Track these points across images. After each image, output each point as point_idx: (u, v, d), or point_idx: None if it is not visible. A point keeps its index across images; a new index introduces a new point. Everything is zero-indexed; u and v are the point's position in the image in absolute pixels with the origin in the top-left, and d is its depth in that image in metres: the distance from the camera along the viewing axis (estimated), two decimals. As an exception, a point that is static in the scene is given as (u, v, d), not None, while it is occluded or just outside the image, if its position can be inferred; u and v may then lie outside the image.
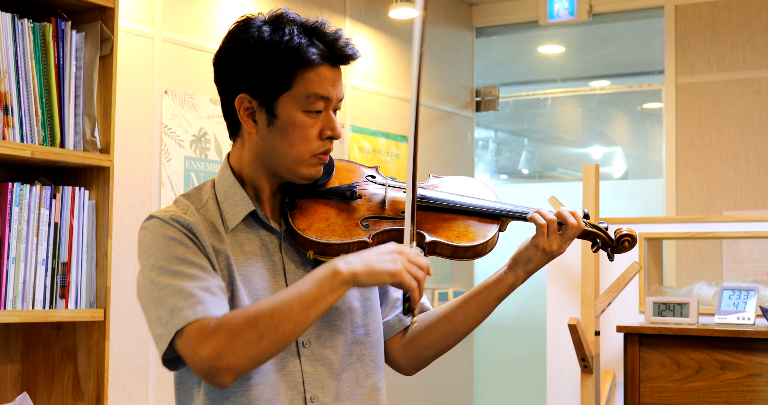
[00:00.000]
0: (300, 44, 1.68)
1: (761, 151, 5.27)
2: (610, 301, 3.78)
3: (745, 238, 4.13)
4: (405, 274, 1.59)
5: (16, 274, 2.63)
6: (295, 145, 1.70)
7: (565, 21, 5.78)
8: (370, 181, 1.83)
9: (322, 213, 1.75)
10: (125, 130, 3.73)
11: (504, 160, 6.45)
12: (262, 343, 1.56)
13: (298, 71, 1.68)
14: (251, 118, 1.72)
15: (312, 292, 1.57)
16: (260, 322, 1.56)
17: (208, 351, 1.56)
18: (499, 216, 1.82)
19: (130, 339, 3.71)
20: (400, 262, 1.59)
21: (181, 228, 1.68)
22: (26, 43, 2.68)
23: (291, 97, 1.69)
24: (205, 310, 1.59)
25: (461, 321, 1.83)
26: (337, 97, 1.73)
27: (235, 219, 1.73)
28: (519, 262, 1.82)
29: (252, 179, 1.76)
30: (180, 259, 1.65)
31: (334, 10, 4.91)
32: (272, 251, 1.74)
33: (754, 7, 5.35)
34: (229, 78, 1.74)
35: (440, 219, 1.79)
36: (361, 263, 1.59)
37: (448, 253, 1.77)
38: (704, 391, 3.59)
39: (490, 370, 6.01)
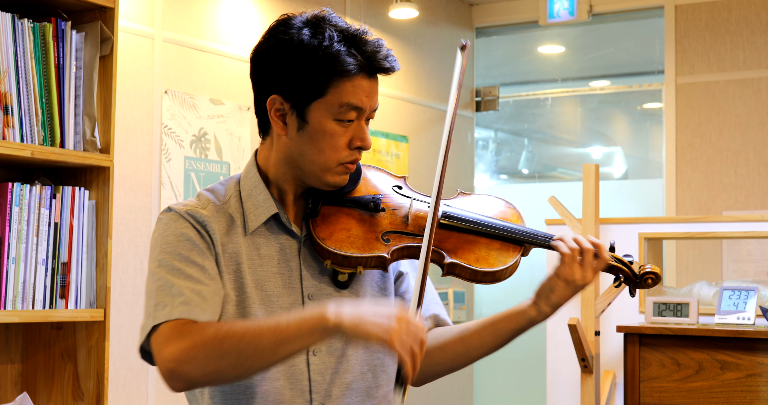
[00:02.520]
0: (339, 52, 1.64)
1: (761, 151, 5.27)
2: (610, 301, 3.77)
3: (745, 238, 4.13)
4: (398, 343, 1.47)
5: (16, 274, 2.63)
6: (324, 152, 1.67)
7: (565, 21, 5.78)
8: (396, 193, 1.79)
9: (344, 223, 1.71)
10: (125, 130, 3.73)
11: (504, 160, 6.45)
12: (221, 363, 1.52)
13: (333, 80, 1.64)
14: (282, 120, 1.69)
15: (290, 329, 1.50)
16: (226, 341, 1.52)
17: (169, 352, 1.54)
18: (522, 242, 1.77)
19: (130, 339, 3.71)
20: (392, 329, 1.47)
21: (195, 224, 1.66)
22: (26, 43, 2.68)
23: (324, 104, 1.65)
24: (188, 312, 1.57)
25: (475, 346, 1.79)
26: (371, 108, 1.70)
27: (257, 220, 1.70)
28: (542, 294, 1.76)
29: (277, 181, 1.73)
30: (183, 257, 1.63)
31: (334, 10, 4.91)
32: (290, 256, 1.71)
33: (754, 7, 5.35)
34: (263, 77, 1.70)
35: (462, 240, 1.75)
36: (351, 317, 1.49)
37: (466, 276, 1.73)
38: (704, 391, 3.59)
39: (490, 370, 6.01)
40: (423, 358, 1.69)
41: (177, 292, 1.59)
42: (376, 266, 1.70)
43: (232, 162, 4.22)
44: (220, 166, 4.16)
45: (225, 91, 4.22)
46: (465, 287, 5.87)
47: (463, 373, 5.80)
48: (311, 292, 1.71)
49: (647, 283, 1.81)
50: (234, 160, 4.23)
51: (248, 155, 4.28)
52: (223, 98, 4.19)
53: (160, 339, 1.56)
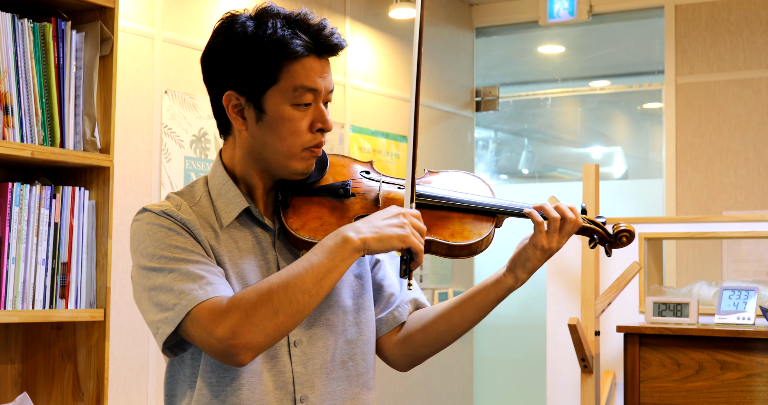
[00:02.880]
0: (283, 36, 1.65)
1: (761, 151, 5.27)
2: (610, 301, 3.77)
3: (745, 238, 4.13)
4: (413, 237, 1.60)
5: (16, 274, 2.63)
6: (285, 139, 1.68)
7: (565, 21, 5.78)
8: (365, 177, 1.80)
9: (316, 212, 1.73)
10: (125, 130, 3.73)
11: (504, 160, 6.45)
12: (278, 318, 1.55)
13: (283, 64, 1.65)
14: (240, 115, 1.70)
15: (324, 263, 1.57)
16: (274, 297, 1.55)
17: (223, 330, 1.54)
18: (494, 213, 1.78)
19: (130, 339, 3.71)
20: (406, 225, 1.61)
21: (175, 221, 1.67)
22: (26, 43, 2.68)
23: (278, 91, 1.67)
24: (215, 290, 1.59)
25: (458, 322, 1.80)
26: (327, 89, 1.70)
27: (229, 216, 1.71)
28: (518, 263, 1.77)
29: (245, 177, 1.74)
30: (180, 248, 1.64)
31: (334, 10, 4.91)
32: (266, 249, 1.73)
33: (754, 7, 5.35)
34: (216, 76, 1.74)
35: (435, 217, 1.76)
36: (369, 230, 1.60)
37: (443, 252, 1.74)
38: (704, 391, 3.59)
39: (490, 370, 6.00)
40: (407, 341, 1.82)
41: (196, 275, 1.60)
42: None
43: (232, 162, 4.22)
44: (220, 166, 4.16)
45: (225, 91, 4.22)
46: (465, 287, 5.87)
47: (463, 373, 5.80)
48: None
49: (622, 241, 1.82)
50: (234, 160, 4.23)
51: (248, 155, 4.28)
52: (223, 98, 4.19)
53: (204, 323, 1.56)
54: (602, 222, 1.83)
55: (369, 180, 1.80)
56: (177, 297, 1.59)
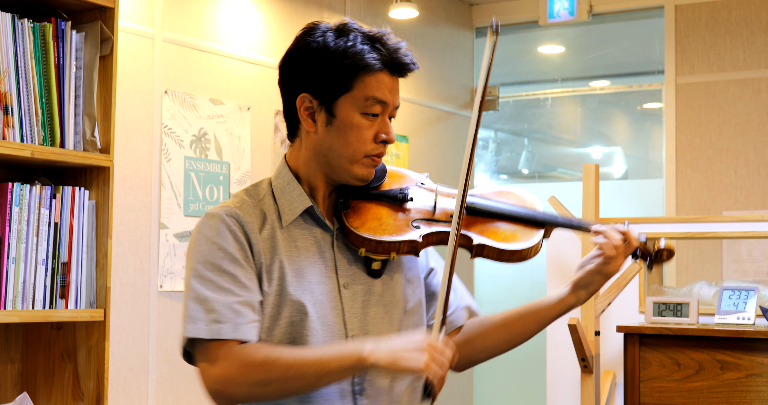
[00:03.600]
0: (363, 50, 1.76)
1: (761, 151, 5.27)
2: (610, 301, 3.77)
3: (745, 238, 4.13)
4: (429, 371, 1.62)
5: (16, 274, 2.63)
6: (351, 144, 1.77)
7: (565, 21, 5.78)
8: (420, 187, 1.90)
9: (375, 213, 1.82)
10: (125, 130, 3.73)
11: (504, 160, 6.45)
12: (267, 388, 1.66)
13: (358, 74, 1.76)
14: (311, 117, 1.80)
15: (332, 364, 1.64)
16: (274, 369, 1.65)
17: (217, 374, 1.67)
18: (543, 223, 1.88)
19: (130, 339, 3.71)
20: (425, 359, 1.62)
21: (232, 224, 1.75)
22: (26, 43, 2.67)
23: (350, 99, 1.77)
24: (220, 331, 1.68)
25: (519, 332, 1.92)
26: (394, 104, 1.81)
27: (292, 213, 1.80)
28: (581, 285, 1.89)
29: (308, 178, 1.83)
30: (215, 266, 1.72)
31: (334, 10, 4.91)
32: (324, 248, 1.81)
33: (754, 7, 5.35)
34: (292, 79, 1.82)
35: (487, 222, 1.86)
36: (386, 354, 1.62)
37: (494, 256, 1.84)
38: (704, 391, 3.59)
39: (490, 370, 6.00)
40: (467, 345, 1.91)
41: (209, 307, 1.70)
42: (408, 251, 1.80)
43: (232, 162, 4.22)
44: (220, 166, 4.16)
45: (225, 91, 4.22)
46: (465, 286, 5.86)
47: (463, 373, 5.80)
48: (346, 281, 1.81)
49: (662, 257, 1.92)
50: (234, 160, 4.23)
51: (248, 155, 4.29)
52: (223, 98, 4.19)
53: (207, 359, 1.69)
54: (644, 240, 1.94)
55: (425, 189, 1.91)
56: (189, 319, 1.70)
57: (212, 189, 4.11)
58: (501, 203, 1.90)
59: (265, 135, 4.41)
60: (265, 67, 4.43)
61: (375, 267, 1.82)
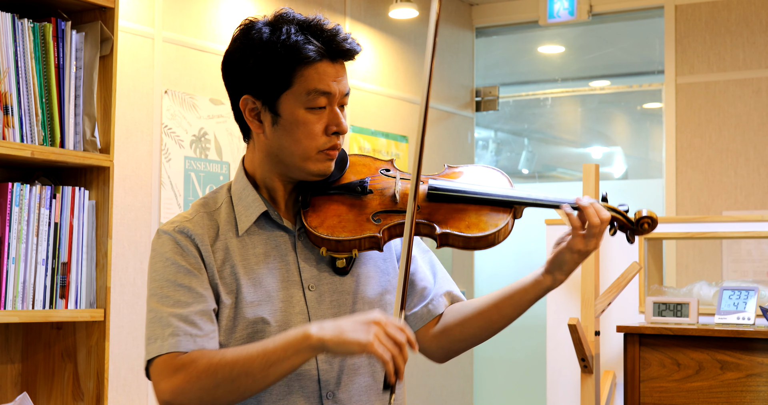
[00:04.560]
0: (296, 42, 1.69)
1: (761, 151, 5.27)
2: (610, 301, 3.77)
3: (745, 238, 4.13)
4: (377, 345, 1.53)
5: (16, 274, 2.63)
6: (300, 142, 1.71)
7: (565, 21, 5.78)
8: (384, 175, 1.83)
9: (335, 209, 1.76)
10: (125, 130, 3.73)
11: (504, 160, 6.45)
12: (217, 391, 1.60)
13: (296, 69, 1.69)
14: (257, 118, 1.74)
15: (277, 351, 1.57)
16: (219, 370, 1.59)
17: (166, 386, 1.63)
18: (511, 204, 1.78)
19: (130, 339, 3.71)
20: (372, 333, 1.54)
21: (181, 239, 1.71)
22: (26, 43, 2.67)
23: (292, 95, 1.70)
24: (176, 344, 1.64)
25: (496, 319, 1.82)
26: (341, 92, 1.74)
27: (248, 220, 1.75)
28: (555, 265, 1.78)
29: (265, 180, 1.78)
30: (170, 281, 1.69)
31: (334, 10, 4.91)
32: (285, 251, 1.76)
33: (754, 7, 5.35)
34: (233, 80, 1.77)
35: (451, 210, 1.77)
36: (332, 330, 1.55)
37: (460, 244, 1.75)
38: (704, 391, 3.59)
39: (490, 370, 6.00)
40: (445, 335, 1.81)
41: (166, 323, 1.66)
42: (370, 247, 1.74)
43: (232, 162, 4.22)
44: (220, 166, 4.16)
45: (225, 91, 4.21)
46: (465, 287, 5.87)
47: (463, 373, 5.80)
48: (311, 283, 1.75)
49: (643, 227, 1.81)
50: (234, 160, 4.23)
51: (248, 155, 4.28)
52: (223, 98, 4.19)
53: (156, 372, 1.65)
54: (624, 210, 1.82)
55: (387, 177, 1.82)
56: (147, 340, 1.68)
57: (212, 189, 4.11)
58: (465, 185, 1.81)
59: (265, 135, 4.41)
60: (265, 67, 4.43)
61: (339, 265, 1.77)
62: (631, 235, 1.83)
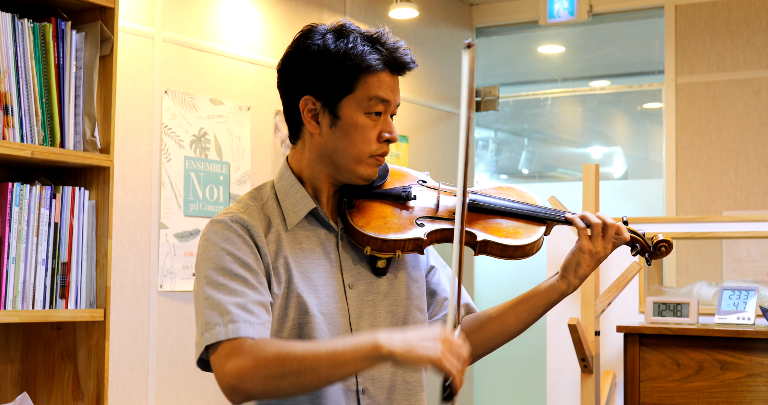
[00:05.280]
0: (363, 51, 1.78)
1: (761, 151, 5.27)
2: (610, 301, 3.77)
3: (745, 238, 4.13)
4: (446, 361, 1.58)
5: (16, 274, 2.63)
6: (356, 144, 1.79)
7: (565, 21, 5.78)
8: (422, 185, 1.92)
9: (379, 212, 1.84)
10: (125, 130, 3.73)
11: (504, 160, 6.45)
12: (281, 382, 1.63)
13: (360, 75, 1.78)
14: (314, 119, 1.81)
15: (346, 354, 1.61)
16: (287, 362, 1.62)
17: (232, 369, 1.65)
18: (545, 219, 1.91)
19: (130, 339, 3.71)
20: (440, 349, 1.59)
21: (238, 229, 1.76)
22: (26, 43, 2.68)
23: (353, 100, 1.79)
24: (236, 330, 1.67)
25: (512, 323, 1.92)
26: (395, 103, 1.83)
27: (296, 216, 1.81)
28: (569, 268, 1.90)
29: (312, 179, 1.84)
30: (225, 270, 1.73)
31: (334, 10, 4.91)
32: (329, 249, 1.83)
33: (754, 7, 5.35)
34: (293, 81, 1.83)
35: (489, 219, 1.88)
36: (402, 343, 1.59)
37: (497, 252, 1.85)
38: (704, 391, 3.59)
39: (490, 370, 6.00)
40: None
41: (224, 310, 1.69)
42: (413, 249, 1.82)
43: (232, 162, 4.22)
44: (220, 166, 4.16)
45: (225, 91, 4.22)
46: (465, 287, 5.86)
47: (463, 373, 5.79)
48: (351, 281, 1.82)
49: (661, 251, 1.95)
50: (234, 160, 4.23)
51: (248, 155, 4.29)
52: (223, 98, 4.19)
53: (221, 356, 1.67)
54: (642, 233, 1.96)
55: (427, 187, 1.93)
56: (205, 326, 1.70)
57: (212, 189, 4.11)
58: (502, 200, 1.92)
59: (265, 135, 4.41)
60: (265, 67, 4.43)
61: (380, 265, 1.84)
62: (650, 257, 1.97)
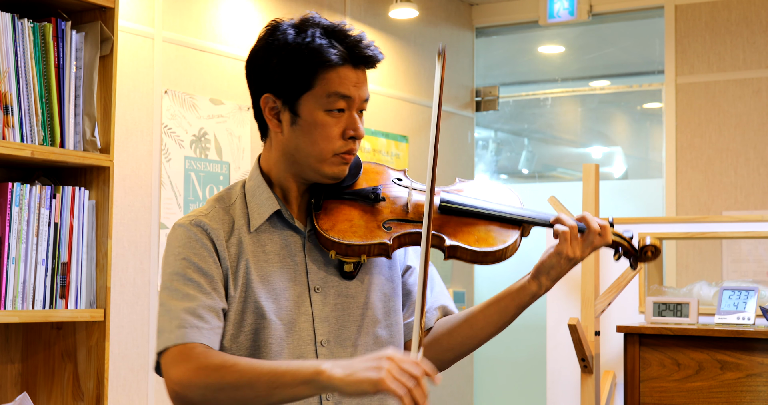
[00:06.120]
0: (321, 45, 1.73)
1: (761, 151, 5.27)
2: (610, 301, 3.77)
3: (745, 238, 4.13)
4: (389, 381, 1.47)
5: (16, 274, 2.63)
6: (317, 143, 1.74)
7: (565, 21, 5.78)
8: (396, 184, 1.85)
9: (346, 214, 1.78)
10: (125, 130, 3.73)
11: (504, 160, 6.45)
12: (219, 393, 1.60)
13: (318, 71, 1.73)
14: (276, 117, 1.77)
15: (286, 377, 1.55)
16: (228, 374, 1.59)
17: (176, 374, 1.64)
18: (521, 222, 1.82)
19: (130, 339, 3.71)
20: (385, 369, 1.48)
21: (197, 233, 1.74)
22: (26, 43, 2.68)
23: (312, 97, 1.74)
24: (183, 336, 1.66)
25: (482, 326, 1.84)
26: (361, 98, 1.76)
27: (260, 218, 1.77)
28: (542, 270, 1.81)
29: (279, 179, 1.81)
30: (179, 275, 1.71)
31: (334, 10, 4.91)
32: (294, 251, 1.78)
33: (754, 7, 5.35)
34: (255, 79, 1.80)
35: (461, 223, 1.80)
36: (343, 368, 1.51)
37: (467, 258, 1.78)
38: (704, 391, 3.59)
39: (490, 370, 6.00)
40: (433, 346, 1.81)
41: (174, 315, 1.68)
42: (379, 253, 1.76)
43: (232, 162, 4.22)
44: (220, 166, 4.16)
45: (225, 91, 4.22)
46: (465, 287, 5.87)
47: (463, 373, 5.80)
48: (317, 284, 1.77)
49: (647, 255, 1.86)
50: (234, 160, 4.23)
51: (248, 155, 4.29)
52: (223, 98, 4.19)
53: (168, 361, 1.67)
54: (629, 236, 1.86)
55: (400, 186, 1.85)
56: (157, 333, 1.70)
57: (212, 189, 4.11)
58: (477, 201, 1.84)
59: (265, 135, 4.41)
60: (265, 67, 4.43)
61: (347, 269, 1.79)
62: (634, 261, 1.87)
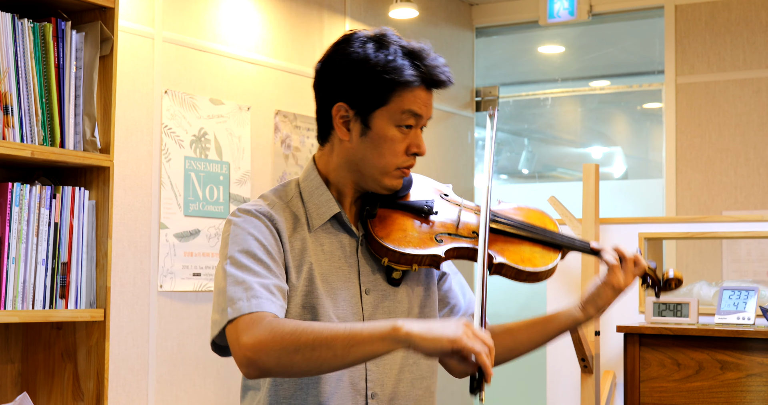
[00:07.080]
0: (403, 65, 1.79)
1: (761, 151, 5.27)
2: (610, 301, 3.77)
3: (745, 238, 4.13)
4: (466, 339, 1.55)
5: (16, 274, 2.63)
6: (384, 156, 1.81)
7: (565, 21, 5.78)
8: (444, 199, 1.93)
9: (400, 224, 1.85)
10: (125, 130, 3.73)
11: (504, 160, 6.45)
12: (295, 356, 1.62)
13: (396, 89, 1.79)
14: (345, 126, 1.82)
15: (363, 334, 1.59)
16: (303, 336, 1.61)
17: (249, 340, 1.64)
18: (561, 246, 1.94)
19: (130, 339, 3.71)
20: (461, 330, 1.56)
21: (265, 221, 1.78)
22: (26, 43, 2.68)
23: (386, 112, 1.80)
24: (259, 305, 1.68)
25: (523, 342, 1.98)
26: (427, 117, 1.84)
27: (320, 218, 1.83)
28: (589, 300, 1.95)
29: (337, 184, 1.86)
30: (250, 254, 1.74)
31: (334, 10, 4.91)
32: (349, 254, 1.84)
33: (754, 7, 5.35)
34: (329, 86, 1.84)
35: (508, 243, 1.91)
36: (420, 327, 1.58)
37: (511, 275, 1.88)
38: (704, 391, 3.59)
39: (490, 370, 5.99)
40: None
41: (247, 286, 1.70)
42: (430, 264, 1.83)
43: (232, 162, 4.22)
44: (220, 166, 4.16)
45: (225, 91, 4.22)
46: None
47: (463, 373, 5.79)
48: (368, 287, 1.84)
49: (670, 286, 2.02)
50: (234, 160, 4.23)
51: (248, 155, 4.29)
52: (223, 98, 4.19)
53: (239, 329, 1.66)
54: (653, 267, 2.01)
55: (449, 202, 1.94)
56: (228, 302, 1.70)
57: (212, 189, 4.11)
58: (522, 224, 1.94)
59: (265, 135, 4.41)
60: (265, 67, 4.43)
61: (395, 276, 1.85)
62: (659, 291, 2.02)
